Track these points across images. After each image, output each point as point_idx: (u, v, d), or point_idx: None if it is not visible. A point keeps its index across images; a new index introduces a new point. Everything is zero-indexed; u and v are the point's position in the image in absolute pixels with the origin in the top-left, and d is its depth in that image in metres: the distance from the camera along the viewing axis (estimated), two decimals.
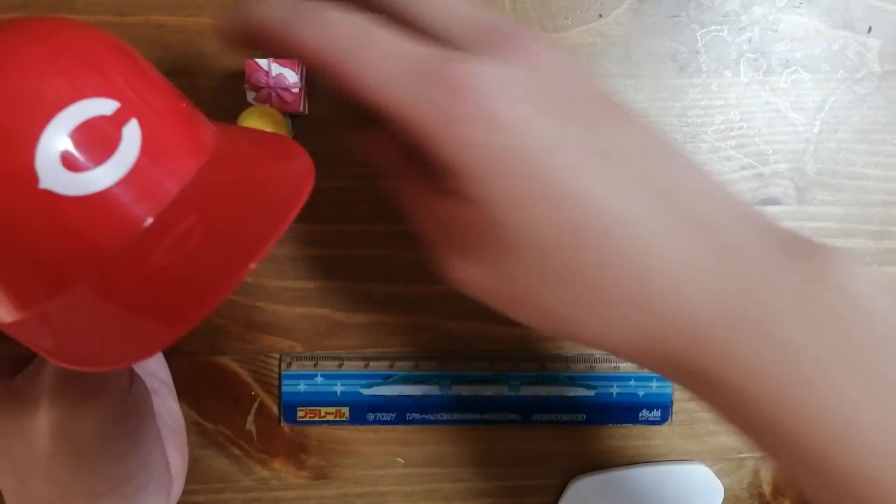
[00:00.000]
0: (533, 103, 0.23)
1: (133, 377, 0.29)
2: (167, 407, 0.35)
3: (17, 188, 0.21)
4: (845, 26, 0.38)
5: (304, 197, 0.26)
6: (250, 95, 0.34)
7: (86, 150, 0.22)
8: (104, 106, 0.22)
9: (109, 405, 0.27)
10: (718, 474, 0.40)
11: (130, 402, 0.28)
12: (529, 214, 0.23)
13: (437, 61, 0.23)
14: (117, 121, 0.23)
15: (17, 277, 0.23)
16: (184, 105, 0.26)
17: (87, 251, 0.23)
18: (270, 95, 0.34)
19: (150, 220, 0.23)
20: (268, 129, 0.33)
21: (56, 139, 0.21)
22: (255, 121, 0.33)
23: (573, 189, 0.23)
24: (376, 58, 0.24)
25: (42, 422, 0.26)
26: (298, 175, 0.27)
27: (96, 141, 0.22)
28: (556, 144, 0.23)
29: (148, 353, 0.22)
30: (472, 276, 0.26)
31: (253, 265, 0.22)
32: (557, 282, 0.24)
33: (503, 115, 0.23)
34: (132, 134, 0.23)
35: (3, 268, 0.23)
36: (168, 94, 0.26)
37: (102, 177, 0.22)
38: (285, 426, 0.39)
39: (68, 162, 0.22)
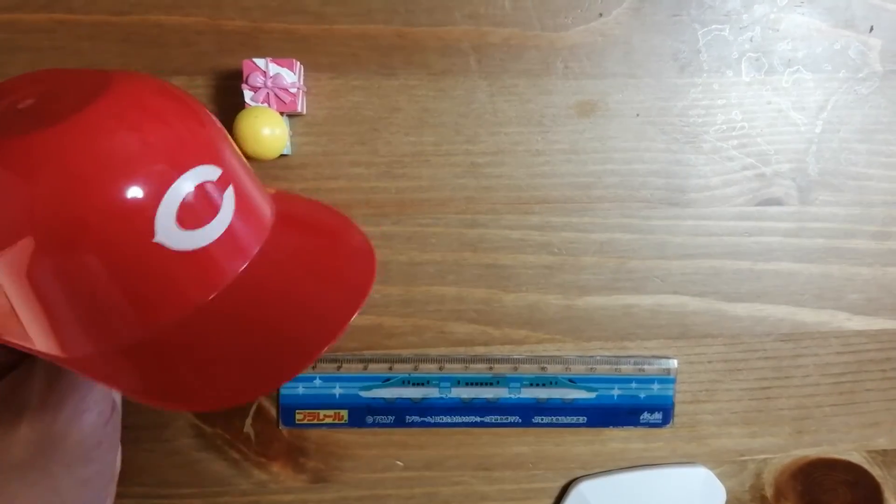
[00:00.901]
0: None
1: (115, 407, 0.29)
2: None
3: (134, 237, 0.23)
4: (847, 25, 0.38)
5: (372, 278, 0.28)
6: (248, 95, 0.34)
7: (197, 211, 0.24)
8: (213, 172, 0.25)
9: (90, 428, 0.27)
10: (720, 477, 0.40)
11: (108, 430, 0.29)
12: None
13: None
14: (221, 185, 0.25)
15: (107, 314, 0.24)
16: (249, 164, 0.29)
17: (180, 301, 0.24)
18: (268, 95, 0.34)
19: (235, 276, 0.25)
20: (265, 129, 0.33)
21: (176, 199, 0.23)
22: (253, 121, 0.33)
23: None
24: None
25: (22, 433, 0.26)
26: (359, 250, 0.30)
27: (205, 203, 0.24)
28: None
29: (232, 403, 0.24)
30: None
31: (340, 335, 0.25)
32: None
33: None
34: (230, 196, 0.25)
35: (99, 303, 0.24)
36: (240, 154, 0.28)
37: (206, 235, 0.24)
38: (284, 429, 0.38)
39: (182, 219, 0.24)
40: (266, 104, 0.34)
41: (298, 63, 0.35)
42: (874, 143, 0.38)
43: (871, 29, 0.38)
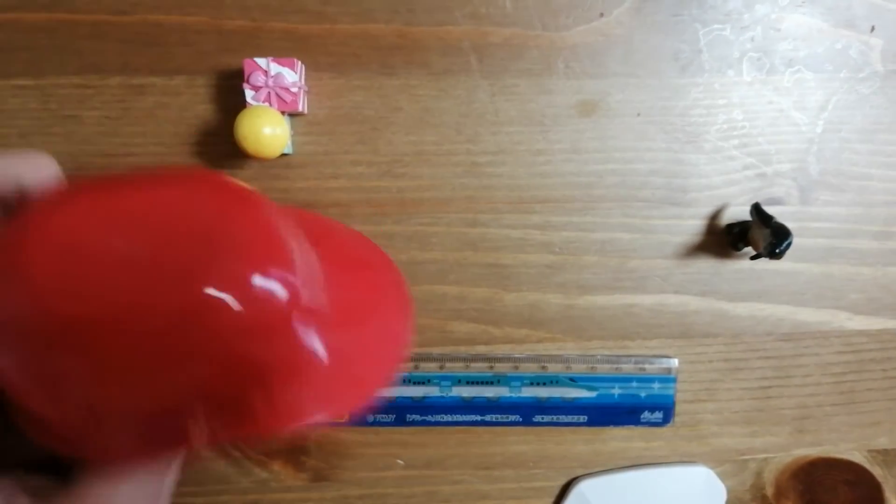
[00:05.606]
0: None
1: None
2: None
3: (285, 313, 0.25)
4: (848, 25, 0.38)
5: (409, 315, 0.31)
6: (249, 95, 0.34)
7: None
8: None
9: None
10: (721, 476, 0.40)
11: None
12: None
13: None
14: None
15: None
16: None
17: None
18: (269, 95, 0.34)
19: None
20: (267, 128, 0.33)
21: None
22: (255, 120, 0.33)
23: None
24: None
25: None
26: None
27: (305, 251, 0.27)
28: None
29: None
30: None
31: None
32: None
33: None
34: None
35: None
36: None
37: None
38: None
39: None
40: (267, 103, 0.34)
41: (300, 62, 0.35)
42: (875, 143, 0.38)
43: (873, 29, 0.38)
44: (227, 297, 0.22)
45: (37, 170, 0.27)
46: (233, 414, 0.24)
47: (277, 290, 0.24)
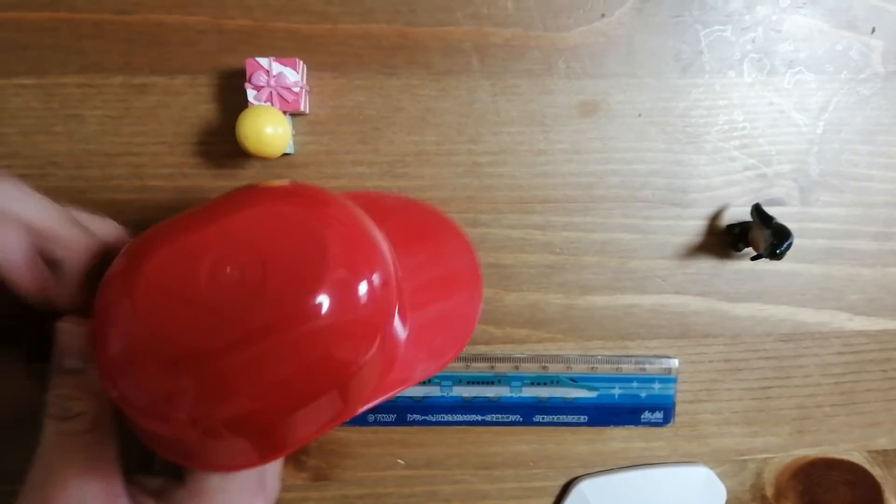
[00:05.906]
0: None
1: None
2: None
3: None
4: (849, 27, 0.38)
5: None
6: (251, 94, 0.34)
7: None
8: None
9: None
10: (721, 476, 0.40)
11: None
12: None
13: None
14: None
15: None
16: None
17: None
18: (271, 94, 0.34)
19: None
20: (268, 128, 0.33)
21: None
22: (256, 119, 0.33)
23: None
24: None
25: None
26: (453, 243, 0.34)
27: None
28: None
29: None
30: None
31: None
32: None
33: None
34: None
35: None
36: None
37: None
38: None
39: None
40: (269, 103, 0.34)
41: (301, 62, 0.35)
42: (875, 145, 0.39)
43: (873, 30, 0.38)
44: (337, 306, 0.23)
45: (108, 227, 0.29)
46: (315, 414, 0.25)
47: (381, 292, 0.24)
